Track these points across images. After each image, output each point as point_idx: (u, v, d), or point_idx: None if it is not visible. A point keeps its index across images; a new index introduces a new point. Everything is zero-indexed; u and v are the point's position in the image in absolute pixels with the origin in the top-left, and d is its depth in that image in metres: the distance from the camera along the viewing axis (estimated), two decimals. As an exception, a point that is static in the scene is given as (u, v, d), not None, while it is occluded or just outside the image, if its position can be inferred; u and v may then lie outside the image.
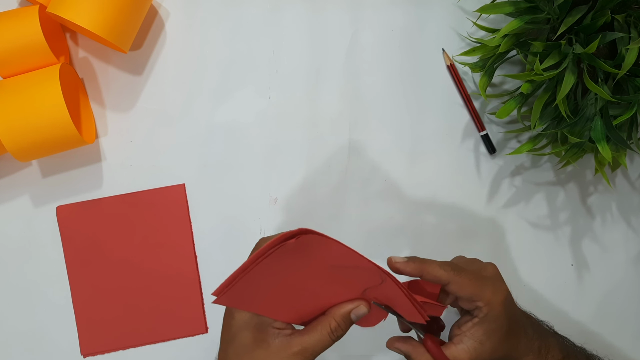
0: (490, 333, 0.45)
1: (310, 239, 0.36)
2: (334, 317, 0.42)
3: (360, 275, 0.41)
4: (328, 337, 0.42)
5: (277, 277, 0.39)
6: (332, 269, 0.40)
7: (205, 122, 0.60)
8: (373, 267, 0.40)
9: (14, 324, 0.58)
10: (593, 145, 0.52)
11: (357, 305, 0.43)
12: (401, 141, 0.61)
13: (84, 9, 0.51)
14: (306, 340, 0.41)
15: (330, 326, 0.42)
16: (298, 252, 0.37)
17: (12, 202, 0.59)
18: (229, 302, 0.40)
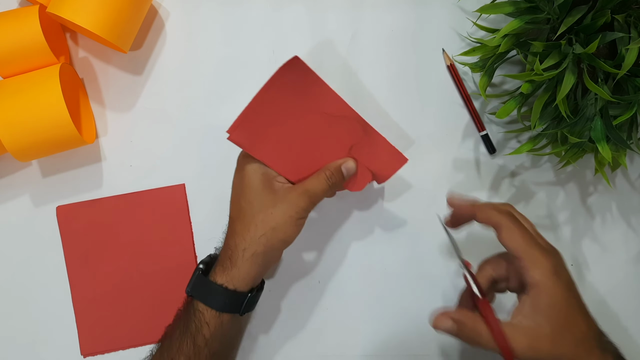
0: (548, 315, 0.41)
1: (303, 67, 0.46)
2: (328, 168, 0.50)
3: (347, 127, 0.50)
4: (325, 181, 0.49)
5: (280, 114, 0.48)
6: (324, 117, 0.49)
7: (205, 122, 0.60)
8: (356, 115, 0.50)
9: (14, 323, 0.58)
10: (593, 145, 0.52)
11: (346, 160, 0.51)
12: (401, 141, 0.61)
13: (84, 9, 0.51)
14: (307, 184, 0.49)
15: (325, 174, 0.49)
16: (294, 83, 0.47)
17: (12, 202, 0.59)
18: (240, 139, 0.48)
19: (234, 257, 0.47)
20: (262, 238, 0.47)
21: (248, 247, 0.47)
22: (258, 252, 0.47)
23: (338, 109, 0.50)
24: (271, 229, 0.47)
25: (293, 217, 0.47)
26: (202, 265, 0.50)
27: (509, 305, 0.46)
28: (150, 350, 0.51)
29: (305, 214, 0.48)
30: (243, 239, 0.47)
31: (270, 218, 0.47)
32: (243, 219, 0.48)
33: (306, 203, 0.48)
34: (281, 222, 0.47)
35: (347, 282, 0.60)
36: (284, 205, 0.47)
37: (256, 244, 0.47)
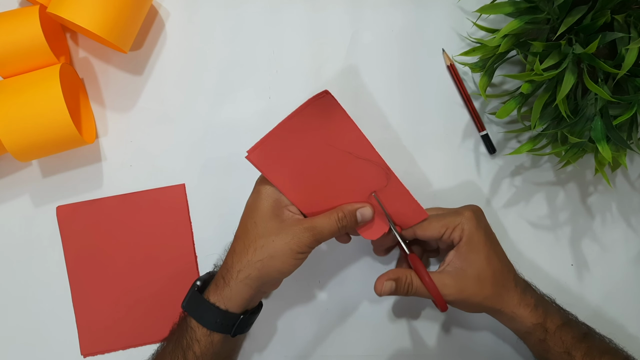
0: (470, 259, 0.48)
1: (332, 102, 0.45)
2: (342, 209, 0.48)
3: (370, 172, 0.48)
4: (335, 222, 0.47)
5: (302, 144, 0.47)
6: (347, 156, 0.47)
7: (205, 122, 0.60)
8: (382, 162, 0.48)
9: (14, 323, 0.58)
10: (593, 145, 0.52)
11: (364, 206, 0.49)
12: (401, 141, 0.61)
13: (84, 9, 0.51)
14: (316, 220, 0.47)
15: (337, 215, 0.48)
16: (321, 116, 0.46)
17: (12, 202, 0.59)
18: (258, 160, 0.47)
19: (228, 276, 0.47)
20: (258, 263, 0.46)
21: (243, 269, 0.46)
22: (252, 276, 0.46)
23: (364, 151, 0.48)
24: (269, 256, 0.46)
25: (293, 249, 0.46)
26: (199, 282, 0.50)
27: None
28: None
29: (306, 249, 0.47)
30: (240, 259, 0.47)
31: (271, 245, 0.46)
32: (245, 240, 0.47)
33: (310, 239, 0.46)
34: (280, 252, 0.46)
35: (348, 281, 0.60)
36: (287, 236, 0.46)
37: (251, 268, 0.46)
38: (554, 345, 0.49)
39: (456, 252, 0.49)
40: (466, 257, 0.48)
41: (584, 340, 0.49)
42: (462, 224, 0.49)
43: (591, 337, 0.50)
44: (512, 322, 0.50)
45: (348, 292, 0.60)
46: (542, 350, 0.50)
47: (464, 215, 0.49)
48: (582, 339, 0.49)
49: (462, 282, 0.47)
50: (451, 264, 0.49)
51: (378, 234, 0.51)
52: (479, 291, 0.48)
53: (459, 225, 0.49)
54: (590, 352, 0.49)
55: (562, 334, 0.49)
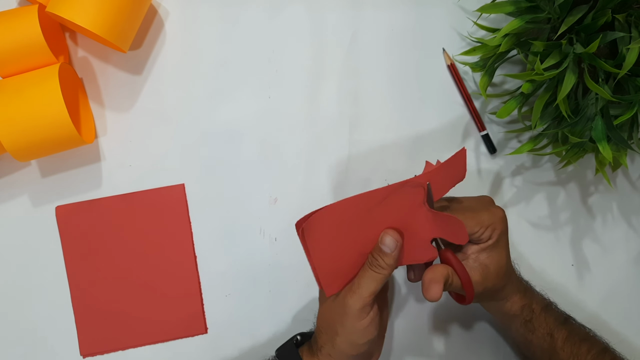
0: (493, 257, 0.48)
1: (315, 220, 0.44)
2: (371, 253, 0.47)
3: (398, 202, 0.46)
4: (369, 271, 0.45)
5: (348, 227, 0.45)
6: (369, 212, 0.45)
7: (205, 122, 0.60)
8: (394, 186, 0.45)
9: (13, 324, 0.58)
10: (594, 145, 0.52)
11: (383, 236, 0.46)
12: (401, 141, 0.61)
13: (84, 8, 0.51)
14: (355, 283, 0.46)
15: (368, 262, 0.46)
16: (326, 225, 0.44)
17: (12, 202, 0.59)
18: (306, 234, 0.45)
19: (315, 348, 0.49)
20: (328, 344, 0.47)
21: (324, 346, 0.48)
22: (333, 354, 0.47)
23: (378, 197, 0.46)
24: (335, 334, 0.47)
25: (351, 323, 0.46)
26: (299, 337, 0.53)
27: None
28: None
29: (362, 314, 0.45)
30: (319, 338, 0.48)
31: (342, 331, 0.46)
32: (324, 324, 0.49)
33: (357, 303, 0.45)
34: (342, 330, 0.46)
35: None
36: (338, 313, 0.46)
37: (329, 347, 0.47)
38: (538, 325, 0.51)
39: (482, 249, 0.48)
40: (491, 254, 0.48)
41: (565, 325, 0.52)
42: (494, 224, 0.48)
43: (571, 322, 0.53)
44: (503, 307, 0.52)
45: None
46: (526, 331, 0.52)
47: (497, 215, 0.49)
48: (563, 322, 0.52)
49: (484, 277, 0.48)
50: (475, 260, 0.48)
51: (424, 257, 0.49)
52: (494, 285, 0.49)
53: (492, 226, 0.48)
54: (570, 336, 0.51)
55: (545, 316, 0.52)
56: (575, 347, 0.51)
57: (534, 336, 0.51)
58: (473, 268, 0.48)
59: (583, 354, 0.50)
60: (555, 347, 0.51)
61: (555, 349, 0.51)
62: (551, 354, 0.51)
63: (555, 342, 0.51)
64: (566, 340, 0.51)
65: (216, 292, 0.59)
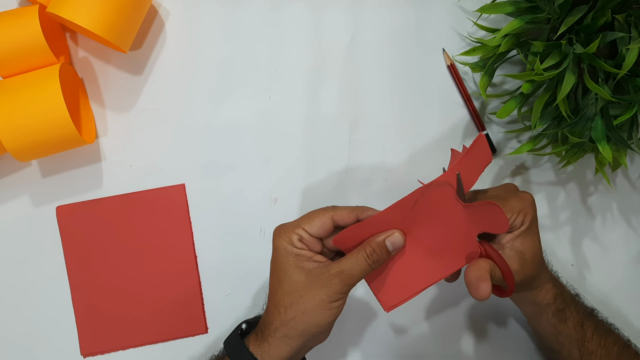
0: (528, 243, 0.47)
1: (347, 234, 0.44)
2: (370, 243, 0.44)
3: (430, 205, 0.44)
4: (364, 260, 0.44)
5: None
6: (403, 220, 0.44)
7: (205, 122, 0.60)
8: (421, 189, 0.43)
9: (13, 324, 0.58)
10: (593, 145, 0.52)
11: (391, 234, 0.44)
12: (401, 141, 0.61)
13: (84, 8, 0.51)
14: (343, 264, 0.44)
15: (366, 251, 0.44)
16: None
17: (12, 202, 0.59)
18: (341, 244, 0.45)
19: (267, 333, 0.46)
20: (292, 322, 0.44)
21: (279, 328, 0.45)
22: (290, 336, 0.45)
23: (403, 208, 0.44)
24: (301, 313, 0.44)
25: (325, 300, 0.43)
26: (245, 326, 0.49)
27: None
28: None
29: (339, 296, 0.44)
30: (274, 319, 0.45)
31: (300, 302, 0.44)
32: (274, 299, 0.46)
33: (339, 286, 0.43)
34: (311, 307, 0.43)
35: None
36: (315, 289, 0.43)
37: (287, 327, 0.44)
38: (570, 315, 0.51)
39: (516, 236, 0.47)
40: (524, 241, 0.47)
41: (592, 316, 0.52)
42: (525, 209, 0.47)
43: (596, 314, 0.53)
44: (537, 296, 0.51)
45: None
46: (558, 321, 0.51)
47: (527, 200, 0.48)
48: (590, 314, 0.52)
49: (522, 264, 0.47)
50: (510, 247, 0.47)
51: (453, 266, 0.47)
52: (532, 272, 0.48)
53: (523, 211, 0.47)
54: (598, 328, 0.51)
55: (575, 305, 0.52)
56: (602, 339, 0.50)
57: (564, 326, 0.51)
58: (510, 257, 0.47)
59: (610, 346, 0.50)
60: (585, 337, 0.50)
61: (585, 339, 0.50)
62: (580, 344, 0.51)
63: (585, 332, 0.51)
64: (595, 331, 0.51)
65: (216, 292, 0.59)
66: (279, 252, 0.45)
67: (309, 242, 0.46)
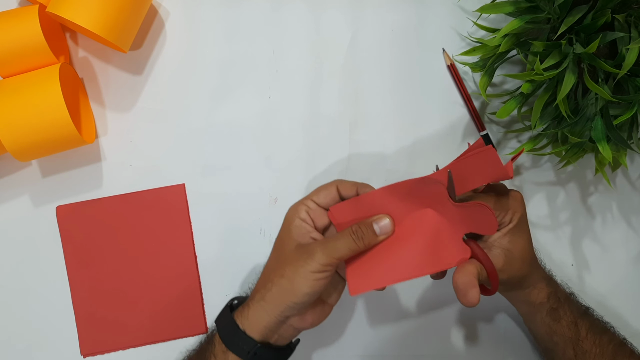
0: (516, 242, 0.47)
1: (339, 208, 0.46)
2: (358, 223, 0.46)
3: (421, 200, 0.46)
4: (349, 235, 0.45)
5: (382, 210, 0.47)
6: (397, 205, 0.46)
7: (205, 122, 0.60)
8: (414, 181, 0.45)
9: (13, 324, 0.58)
10: (593, 145, 0.52)
11: (381, 217, 0.46)
12: (401, 141, 0.61)
13: (84, 8, 0.51)
14: (329, 239, 0.45)
15: (352, 228, 0.45)
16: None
17: (12, 202, 0.59)
18: (336, 218, 0.47)
19: (250, 297, 0.47)
20: (269, 284, 0.45)
21: (259, 289, 0.46)
22: (266, 299, 0.45)
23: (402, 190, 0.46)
24: (280, 276, 0.45)
25: (306, 269, 0.43)
26: (236, 301, 0.50)
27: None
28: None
29: (322, 268, 0.43)
30: (259, 284, 0.47)
31: (286, 269, 0.45)
32: (265, 269, 0.48)
33: (322, 256, 0.43)
34: (290, 272, 0.44)
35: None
36: (300, 257, 0.44)
37: (264, 290, 0.45)
38: (563, 314, 0.51)
39: (504, 234, 0.47)
40: (513, 238, 0.47)
41: (587, 315, 0.52)
42: (514, 207, 0.47)
43: (591, 313, 0.53)
44: (530, 295, 0.51)
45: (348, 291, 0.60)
46: (551, 320, 0.51)
47: (515, 198, 0.48)
48: (585, 313, 0.52)
49: (509, 263, 0.47)
50: (498, 245, 0.47)
51: (456, 258, 0.47)
52: (519, 271, 0.48)
53: (512, 209, 0.47)
54: (592, 327, 0.51)
55: (569, 304, 0.52)
56: (597, 337, 0.50)
57: (558, 325, 0.51)
58: (496, 255, 0.47)
59: (605, 344, 0.50)
60: (579, 336, 0.50)
61: (579, 337, 0.50)
62: (575, 343, 0.51)
63: (579, 331, 0.51)
64: (589, 330, 0.51)
65: (216, 292, 0.59)
66: (284, 224, 0.48)
67: (316, 213, 0.48)
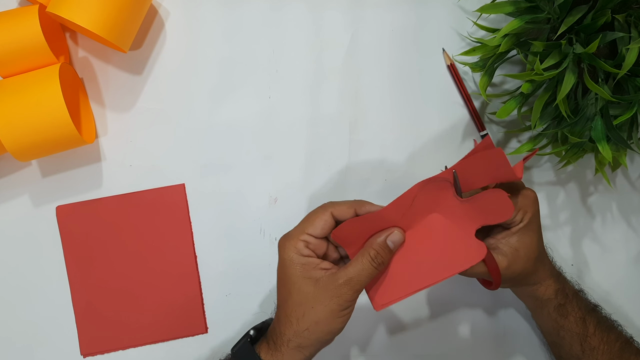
0: (525, 241, 0.47)
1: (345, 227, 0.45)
2: (372, 245, 0.45)
3: (428, 202, 0.45)
4: (369, 264, 0.45)
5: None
6: (403, 217, 0.45)
7: (205, 122, 0.60)
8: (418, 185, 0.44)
9: (13, 324, 0.58)
10: (593, 145, 0.52)
11: (391, 232, 0.46)
12: (401, 141, 0.61)
13: (84, 8, 0.51)
14: (350, 272, 0.44)
15: (370, 254, 0.45)
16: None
17: (12, 202, 0.59)
18: (339, 237, 0.46)
19: (279, 342, 0.46)
20: (305, 332, 0.44)
21: (292, 339, 0.45)
22: (303, 345, 0.45)
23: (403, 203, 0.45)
24: (314, 323, 0.44)
25: (336, 310, 0.44)
26: (253, 332, 0.49)
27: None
28: None
29: (349, 304, 0.44)
30: (286, 329, 0.45)
31: (312, 312, 0.44)
32: (284, 309, 0.46)
33: (349, 294, 0.44)
34: (323, 317, 0.44)
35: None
36: (325, 299, 0.44)
37: (300, 338, 0.45)
38: (571, 310, 0.51)
39: (513, 233, 0.47)
40: (522, 238, 0.47)
41: (595, 312, 0.52)
42: (526, 206, 0.47)
43: (599, 310, 0.53)
44: (536, 291, 0.51)
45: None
46: (559, 316, 0.51)
47: (528, 197, 0.48)
48: (593, 310, 0.52)
49: (514, 261, 0.47)
50: (505, 244, 0.47)
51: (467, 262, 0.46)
52: (524, 269, 0.48)
53: (523, 208, 0.47)
54: (600, 324, 0.51)
55: (577, 301, 0.51)
56: (605, 334, 0.51)
57: (566, 321, 0.51)
58: (502, 252, 0.47)
59: (612, 342, 0.50)
60: (587, 332, 0.51)
61: (587, 334, 0.50)
62: (582, 339, 0.51)
63: (587, 328, 0.51)
64: (597, 327, 0.51)
65: (216, 292, 0.59)
66: (286, 263, 0.45)
67: (315, 245, 0.46)
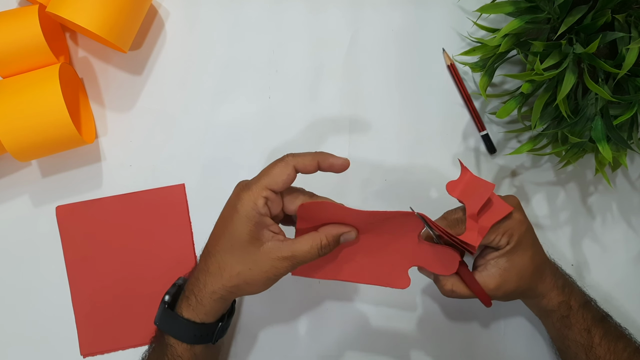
0: (515, 261, 0.48)
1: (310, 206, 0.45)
2: (326, 235, 0.45)
3: (393, 226, 0.46)
4: (316, 250, 0.45)
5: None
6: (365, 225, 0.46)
7: (205, 122, 0.60)
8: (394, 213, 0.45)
9: (13, 324, 0.58)
10: (593, 145, 0.52)
11: (349, 231, 0.46)
12: (401, 141, 0.61)
13: (84, 8, 0.51)
14: (296, 249, 0.44)
15: (321, 242, 0.45)
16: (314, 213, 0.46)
17: (12, 202, 0.59)
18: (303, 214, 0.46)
19: (200, 295, 0.46)
20: (233, 288, 0.45)
21: (217, 291, 0.45)
22: (226, 297, 0.46)
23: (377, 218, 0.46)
24: (245, 283, 0.45)
25: (271, 278, 0.45)
26: (168, 298, 0.49)
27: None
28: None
29: (283, 275, 0.45)
30: (214, 282, 0.45)
31: (247, 273, 0.44)
32: (220, 263, 0.45)
33: (287, 268, 0.45)
34: (256, 280, 0.45)
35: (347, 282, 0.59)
36: (265, 265, 0.44)
37: (226, 292, 0.45)
38: (575, 322, 0.51)
39: (502, 255, 0.48)
40: (511, 258, 0.48)
41: (603, 322, 0.52)
42: (512, 229, 0.48)
43: (608, 321, 0.53)
44: (539, 303, 0.51)
45: (348, 291, 0.60)
46: (563, 326, 0.51)
47: (514, 219, 0.48)
48: (601, 320, 0.52)
49: (504, 282, 0.48)
50: (494, 265, 0.48)
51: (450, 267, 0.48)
52: (517, 287, 0.48)
53: (509, 231, 0.48)
54: (607, 334, 0.51)
55: (583, 312, 0.51)
56: (612, 344, 0.50)
57: (570, 331, 0.51)
58: (491, 274, 0.48)
59: (619, 351, 0.50)
60: (592, 343, 0.51)
61: (593, 344, 0.51)
62: (587, 349, 0.51)
63: (592, 338, 0.51)
64: (603, 337, 0.51)
65: (216, 292, 0.59)
66: (240, 217, 0.44)
67: (273, 202, 0.45)
